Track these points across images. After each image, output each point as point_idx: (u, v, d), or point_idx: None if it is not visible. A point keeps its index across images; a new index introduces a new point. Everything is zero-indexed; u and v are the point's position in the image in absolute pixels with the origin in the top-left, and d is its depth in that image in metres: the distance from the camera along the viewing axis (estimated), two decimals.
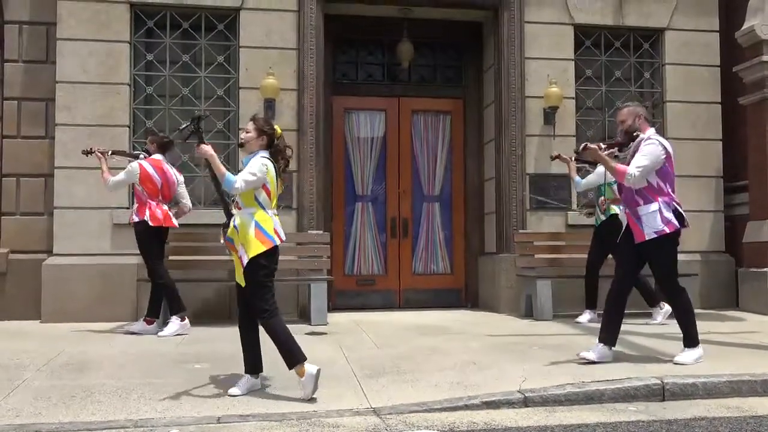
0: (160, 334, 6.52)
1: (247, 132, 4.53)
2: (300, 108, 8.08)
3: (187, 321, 6.68)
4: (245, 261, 4.30)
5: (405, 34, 8.90)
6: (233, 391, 4.30)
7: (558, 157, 7.46)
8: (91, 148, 6.80)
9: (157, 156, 6.78)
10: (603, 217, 7.26)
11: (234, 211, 4.42)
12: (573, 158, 7.32)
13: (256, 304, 4.34)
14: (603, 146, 5.14)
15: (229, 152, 8.15)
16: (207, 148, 4.39)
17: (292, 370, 4.32)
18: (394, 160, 9.25)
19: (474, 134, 9.36)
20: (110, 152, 6.78)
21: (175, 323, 6.59)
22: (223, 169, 4.36)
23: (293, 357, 4.30)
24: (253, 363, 4.45)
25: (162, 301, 6.76)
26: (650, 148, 4.99)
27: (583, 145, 5.06)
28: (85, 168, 7.67)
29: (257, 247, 4.28)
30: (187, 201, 7.04)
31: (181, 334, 6.53)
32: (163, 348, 5.86)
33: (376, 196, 9.24)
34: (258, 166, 4.37)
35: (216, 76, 8.22)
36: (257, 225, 4.33)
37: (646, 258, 5.16)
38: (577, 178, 7.38)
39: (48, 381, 4.65)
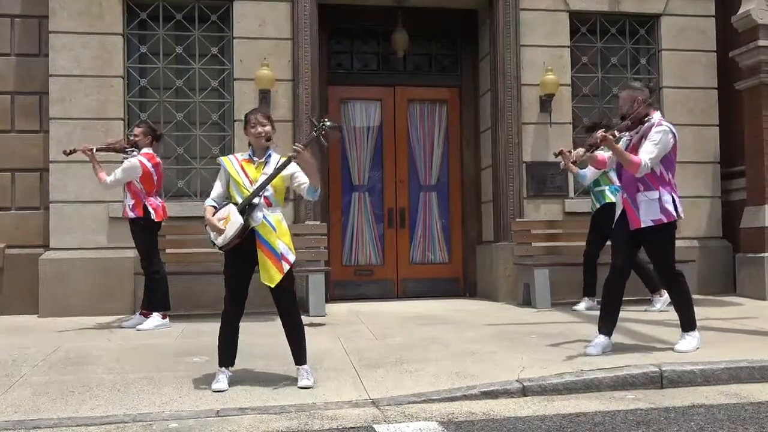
0: (139, 327, 6.50)
1: (263, 126, 4.39)
2: (295, 99, 8.04)
3: (168, 319, 6.68)
4: (292, 259, 4.32)
5: (400, 23, 8.85)
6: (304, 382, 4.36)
7: (561, 153, 7.19)
8: (74, 148, 6.58)
9: (149, 150, 6.70)
10: (598, 205, 7.27)
11: (265, 209, 4.29)
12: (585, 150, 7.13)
13: (294, 302, 4.41)
14: (617, 135, 4.98)
15: (225, 144, 8.12)
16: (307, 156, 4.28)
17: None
18: (391, 149, 9.23)
19: (470, 123, 9.34)
20: (95, 148, 6.56)
21: (156, 318, 6.58)
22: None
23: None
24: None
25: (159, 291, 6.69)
26: (661, 136, 4.90)
27: (601, 136, 4.82)
28: (80, 162, 7.61)
29: (292, 246, 4.39)
30: None
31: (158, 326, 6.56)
32: (162, 342, 5.85)
33: (373, 186, 9.23)
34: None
35: (210, 68, 8.18)
36: (286, 224, 4.41)
37: (643, 244, 5.13)
38: (581, 171, 7.08)
39: (46, 376, 4.64)
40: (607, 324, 5.05)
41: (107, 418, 3.80)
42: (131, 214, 6.56)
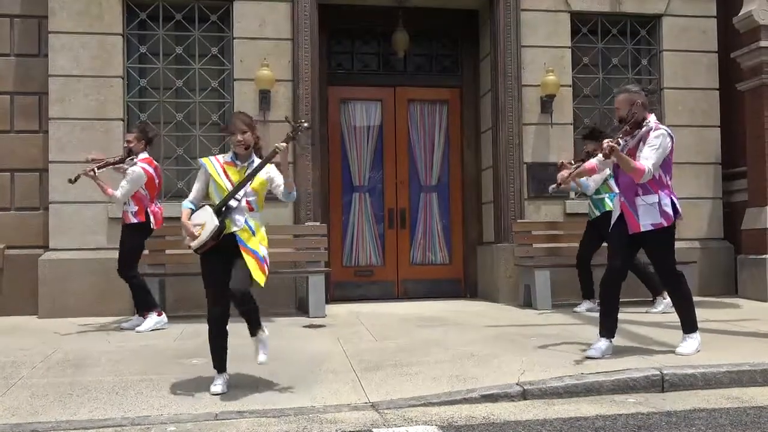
0: (138, 329, 6.48)
1: (243, 132, 4.29)
2: (295, 99, 8.02)
3: (164, 315, 6.67)
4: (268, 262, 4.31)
5: (400, 23, 8.82)
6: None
7: (562, 165, 6.81)
8: (78, 175, 6.55)
9: (145, 154, 6.67)
10: (597, 213, 7.21)
11: (246, 213, 4.28)
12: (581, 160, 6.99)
13: (253, 301, 4.28)
14: (621, 143, 4.90)
15: (225, 145, 8.09)
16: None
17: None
18: (391, 150, 9.21)
19: (471, 123, 9.32)
20: (96, 168, 6.52)
21: (153, 317, 6.56)
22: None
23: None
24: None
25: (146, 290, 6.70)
26: (660, 140, 4.88)
27: (609, 147, 4.72)
28: (79, 162, 7.59)
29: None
30: None
31: (159, 328, 6.54)
32: (161, 343, 5.83)
33: (373, 187, 9.21)
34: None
35: (210, 68, 8.16)
36: (264, 230, 4.39)
37: (643, 247, 5.11)
38: (583, 181, 7.00)
39: (45, 378, 4.63)
40: (607, 327, 5.03)
41: (105, 421, 3.78)
42: (133, 220, 6.55)
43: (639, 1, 8.76)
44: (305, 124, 4.41)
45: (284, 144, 4.22)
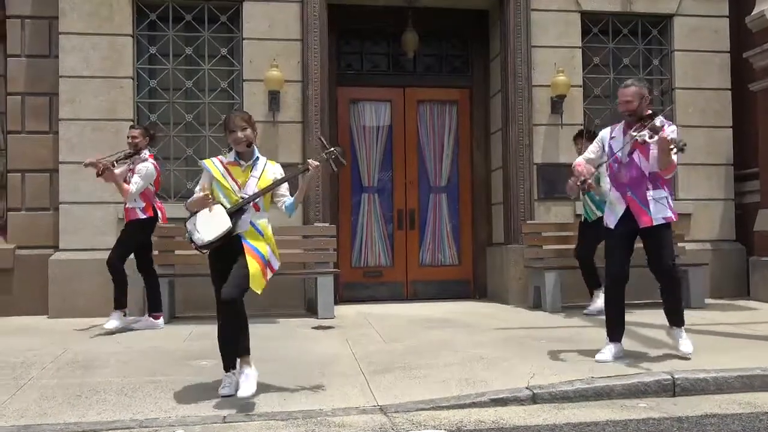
0: (105, 326, 6.46)
1: (243, 129, 4.21)
2: (305, 100, 8.01)
3: (128, 316, 6.73)
4: (276, 267, 4.25)
5: (410, 23, 8.80)
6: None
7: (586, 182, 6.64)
8: (102, 169, 6.49)
9: (148, 150, 6.70)
10: (599, 213, 7.09)
11: (252, 213, 4.21)
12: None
13: (242, 315, 4.23)
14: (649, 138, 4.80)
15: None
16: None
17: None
18: (401, 150, 9.18)
19: (481, 124, 9.28)
20: (114, 162, 6.54)
21: (117, 316, 6.57)
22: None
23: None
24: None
25: (158, 292, 6.76)
26: (676, 135, 4.87)
27: (672, 142, 4.56)
28: None
29: (277, 252, 4.32)
30: None
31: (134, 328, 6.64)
32: (169, 345, 5.84)
33: (382, 187, 9.18)
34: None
35: (220, 69, 8.16)
36: (271, 229, 4.34)
37: (647, 241, 5.03)
38: (604, 188, 6.65)
39: (54, 379, 4.63)
40: (615, 331, 5.00)
41: (113, 423, 3.78)
42: (142, 215, 6.58)
43: (650, 0, 8.70)
44: (336, 151, 4.44)
45: (317, 162, 4.25)
